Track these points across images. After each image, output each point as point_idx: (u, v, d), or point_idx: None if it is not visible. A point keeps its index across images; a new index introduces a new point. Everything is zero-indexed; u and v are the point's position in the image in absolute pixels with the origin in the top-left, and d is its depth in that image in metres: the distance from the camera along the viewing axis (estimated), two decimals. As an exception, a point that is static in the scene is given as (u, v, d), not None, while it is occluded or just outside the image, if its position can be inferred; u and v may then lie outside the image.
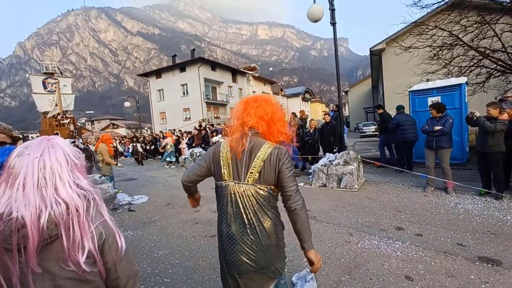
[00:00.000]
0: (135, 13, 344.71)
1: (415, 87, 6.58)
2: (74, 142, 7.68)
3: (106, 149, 6.08)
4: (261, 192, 1.21)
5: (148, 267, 2.79)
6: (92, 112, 58.36)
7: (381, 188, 5.24)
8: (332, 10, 7.01)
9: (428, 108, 4.75)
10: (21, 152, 0.77)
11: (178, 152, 12.28)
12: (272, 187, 1.23)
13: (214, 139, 10.57)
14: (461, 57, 6.48)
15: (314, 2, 6.86)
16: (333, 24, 7.02)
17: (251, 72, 37.01)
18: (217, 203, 1.31)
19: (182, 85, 29.25)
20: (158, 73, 31.98)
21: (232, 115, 1.34)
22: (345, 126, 9.27)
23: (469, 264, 2.38)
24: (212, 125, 14.92)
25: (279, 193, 1.27)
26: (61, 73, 39.46)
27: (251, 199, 1.20)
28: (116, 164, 6.18)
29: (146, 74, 33.51)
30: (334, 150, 7.03)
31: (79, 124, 41.36)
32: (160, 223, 4.19)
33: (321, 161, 6.05)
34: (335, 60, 7.15)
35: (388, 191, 4.95)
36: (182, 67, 29.46)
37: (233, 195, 1.21)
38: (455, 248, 2.69)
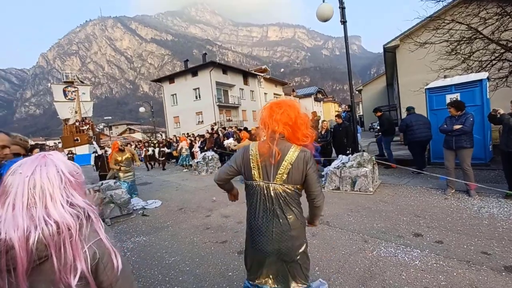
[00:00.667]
0: (149, 21, 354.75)
1: (432, 84, 6.29)
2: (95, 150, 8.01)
3: (113, 157, 6.21)
4: (288, 190, 1.38)
5: (159, 274, 2.80)
6: (110, 117, 60.53)
7: (397, 191, 5.03)
8: (342, 8, 6.87)
9: (446, 106, 4.51)
10: (14, 170, 0.77)
11: (191, 155, 12.44)
12: (298, 186, 1.40)
13: (226, 142, 10.62)
14: (481, 51, 6.14)
15: (324, 1, 6.75)
16: (344, 22, 6.87)
17: (262, 74, 37.04)
18: (247, 200, 1.49)
19: (195, 89, 29.71)
20: (171, 78, 32.66)
21: (258, 120, 1.46)
22: (358, 126, 9.04)
23: (494, 275, 2.21)
24: (224, 128, 15.01)
25: (303, 190, 1.47)
26: (80, 81, 41.30)
27: (278, 196, 1.37)
28: (119, 169, 6.27)
29: (160, 80, 34.33)
30: (348, 152, 6.85)
31: (98, 130, 43.01)
32: (172, 228, 4.22)
33: (334, 163, 5.90)
34: (346, 59, 6.99)
35: (405, 194, 4.74)
36: (194, 72, 29.95)
37: (262, 193, 1.39)
38: (479, 257, 2.51)
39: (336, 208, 4.38)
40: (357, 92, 31.05)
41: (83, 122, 35.45)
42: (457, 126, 4.18)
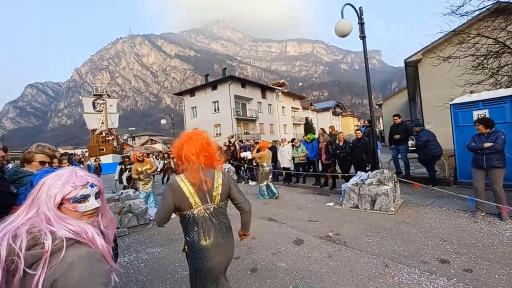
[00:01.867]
0: (174, 38, 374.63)
1: (457, 100, 6.01)
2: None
3: (134, 169, 6.41)
4: (223, 207, 1.68)
5: (170, 288, 2.79)
6: (134, 128, 63.35)
7: (421, 211, 4.74)
8: (362, 24, 6.88)
9: (474, 123, 4.27)
10: (44, 181, 0.83)
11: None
12: (226, 201, 1.71)
13: (243, 154, 10.70)
14: (510, 66, 5.82)
15: (342, 17, 6.81)
16: (363, 38, 6.85)
17: (280, 88, 37.40)
18: (188, 227, 1.60)
19: (214, 102, 30.52)
20: (192, 91, 33.86)
21: (175, 155, 1.66)
22: (378, 142, 8.76)
23: (535, 313, 1.98)
24: (241, 141, 15.15)
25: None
26: (108, 95, 43.92)
27: (217, 214, 1.62)
28: (139, 179, 6.45)
29: (181, 93, 35.69)
30: (367, 168, 6.62)
31: (122, 140, 45.04)
32: (186, 241, 4.23)
33: (352, 180, 5.71)
34: (366, 73, 6.91)
35: (430, 216, 4.45)
36: (214, 85, 30.88)
37: (204, 216, 1.58)
38: (515, 290, 2.28)
39: (354, 227, 4.19)
40: (377, 107, 30.32)
41: (109, 133, 37.35)
42: (488, 144, 3.93)
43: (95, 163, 16.55)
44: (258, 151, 7.32)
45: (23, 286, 0.69)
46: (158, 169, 12.93)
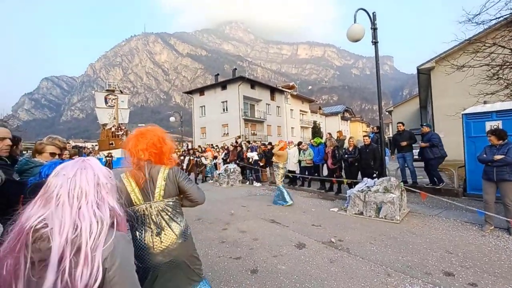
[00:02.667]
0: (186, 37, 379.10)
1: (470, 110, 5.88)
2: None
3: None
4: (170, 203, 1.57)
5: (171, 283, 2.82)
6: (143, 125, 64.07)
7: (428, 222, 4.66)
8: (374, 29, 6.82)
9: (486, 134, 4.17)
10: (57, 172, 0.85)
11: (214, 166, 12.68)
12: (176, 197, 1.61)
13: (249, 154, 10.76)
14: (527, 77, 5.66)
15: (355, 22, 6.76)
16: (375, 43, 6.79)
17: (289, 91, 37.36)
18: (130, 224, 1.53)
19: (223, 102, 30.70)
20: (201, 90, 34.17)
21: (126, 149, 1.60)
22: (387, 149, 8.64)
23: (541, 332, 1.93)
24: (249, 141, 15.19)
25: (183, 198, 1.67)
26: (120, 91, 44.77)
27: (160, 212, 1.53)
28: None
29: (191, 92, 36.06)
30: (374, 175, 6.54)
31: (131, 136, 45.69)
32: (189, 238, 4.27)
33: (358, 186, 5.65)
34: (376, 79, 6.85)
35: (437, 227, 4.37)
36: (223, 85, 31.08)
37: (145, 214, 1.51)
38: (522, 308, 2.21)
39: (358, 234, 4.15)
40: (387, 113, 29.89)
41: (119, 128, 38.04)
42: (499, 157, 3.83)
43: (107, 158, 16.69)
44: (263, 156, 7.19)
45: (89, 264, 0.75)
46: (184, 166, 12.83)
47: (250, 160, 10.63)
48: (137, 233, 1.51)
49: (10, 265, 0.72)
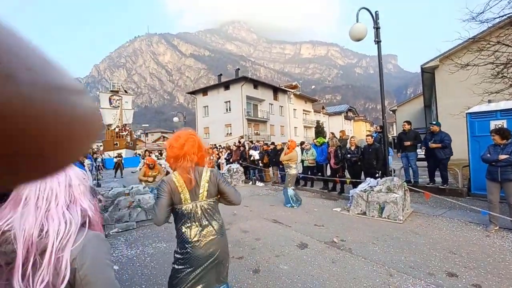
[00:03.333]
0: (189, 38, 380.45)
1: (474, 109, 5.83)
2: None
3: (142, 172, 6.49)
4: (211, 203, 1.73)
5: (174, 283, 2.85)
6: (147, 125, 64.77)
7: (431, 222, 4.62)
8: (377, 28, 6.79)
9: (490, 133, 4.13)
10: None
11: (217, 167, 12.72)
12: (216, 197, 1.76)
13: (251, 152, 10.82)
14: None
15: (357, 21, 6.74)
16: (378, 42, 6.77)
17: (292, 90, 37.26)
18: (178, 220, 1.68)
19: (226, 102, 30.75)
20: (204, 91, 34.27)
21: (168, 153, 1.72)
22: (390, 148, 8.59)
23: (545, 334, 1.91)
24: (252, 141, 15.22)
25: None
26: (125, 91, 45.11)
27: (204, 211, 1.69)
28: (146, 181, 6.46)
29: (194, 92, 36.17)
30: (377, 175, 6.51)
31: (135, 136, 46.15)
32: (191, 238, 4.30)
33: (361, 186, 5.64)
34: (379, 78, 6.82)
35: (440, 227, 4.33)
36: (226, 85, 31.13)
37: (192, 212, 1.66)
38: (526, 309, 2.19)
39: (360, 234, 4.14)
40: (391, 112, 29.67)
41: (123, 129, 38.35)
42: (503, 156, 3.79)
43: (117, 159, 16.44)
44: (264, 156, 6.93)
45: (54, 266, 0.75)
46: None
47: (252, 158, 10.68)
48: (184, 228, 1.65)
49: None
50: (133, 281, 2.95)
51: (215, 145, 17.29)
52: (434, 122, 6.88)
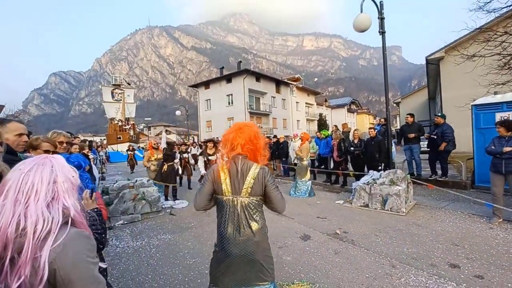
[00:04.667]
0: (191, 30, 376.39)
1: (479, 101, 5.75)
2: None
3: (147, 157, 6.70)
4: (254, 202, 1.60)
5: (179, 273, 2.91)
6: (149, 119, 64.93)
7: (434, 214, 4.63)
8: (382, 19, 6.66)
9: (495, 125, 4.08)
10: (16, 167, 0.84)
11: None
12: (260, 197, 1.62)
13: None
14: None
15: (361, 11, 6.61)
16: (382, 33, 6.65)
17: (294, 83, 36.97)
18: (218, 211, 1.66)
19: (228, 95, 30.64)
20: (206, 84, 34.11)
21: (224, 143, 1.68)
22: (394, 141, 8.54)
23: (546, 324, 1.93)
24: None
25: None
26: (128, 83, 45.09)
27: (244, 208, 1.58)
28: (149, 167, 6.71)
29: (196, 85, 36.03)
30: (380, 168, 6.50)
31: (138, 130, 46.33)
32: (196, 230, 4.36)
33: (364, 179, 5.64)
34: (383, 70, 6.73)
35: (443, 219, 4.35)
36: (228, 78, 30.95)
37: (230, 205, 1.58)
38: (528, 299, 2.21)
39: (363, 226, 4.17)
40: (394, 105, 29.39)
41: (126, 122, 38.48)
42: (508, 149, 3.76)
43: (128, 152, 15.55)
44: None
45: (32, 266, 0.73)
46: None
47: None
48: (222, 221, 1.60)
49: None
50: (139, 271, 3.01)
51: (217, 138, 17.31)
52: (439, 114, 6.82)
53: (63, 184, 0.85)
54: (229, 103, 30.65)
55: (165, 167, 6.41)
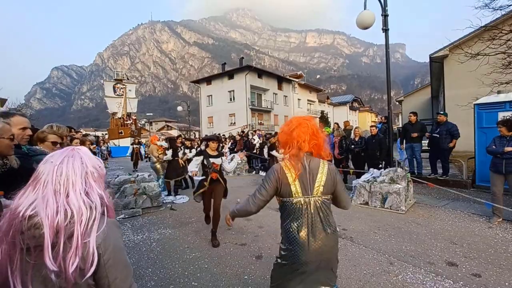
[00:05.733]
0: (193, 25, 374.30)
1: (482, 100, 5.71)
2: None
3: (155, 148, 6.75)
4: (326, 201, 1.50)
5: (179, 267, 2.94)
6: (151, 114, 64.93)
7: (433, 212, 4.64)
8: (385, 16, 6.60)
9: (497, 125, 4.06)
10: (47, 159, 0.87)
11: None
12: (330, 195, 1.54)
13: (254, 137, 11.00)
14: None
15: (365, 8, 6.55)
16: (386, 30, 6.60)
17: (296, 80, 36.81)
18: (284, 216, 1.52)
19: (230, 91, 30.58)
20: (208, 80, 34.04)
21: (287, 142, 1.53)
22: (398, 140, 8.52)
23: (542, 322, 1.94)
24: (255, 131, 15.25)
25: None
26: (128, 78, 45.03)
27: (319, 209, 1.46)
28: (159, 160, 6.77)
29: (198, 81, 35.98)
30: (380, 166, 6.50)
31: (140, 125, 46.38)
32: (196, 225, 4.40)
33: (364, 177, 5.64)
34: (386, 67, 6.69)
35: (442, 217, 4.36)
36: (230, 75, 30.86)
37: (303, 208, 1.45)
38: (524, 298, 2.23)
39: (362, 224, 4.18)
40: (397, 103, 29.21)
41: (128, 117, 38.54)
42: (509, 149, 3.74)
43: (134, 146, 13.68)
44: (272, 148, 7.12)
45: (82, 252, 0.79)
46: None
47: (255, 142, 10.84)
48: (292, 225, 1.46)
49: (4, 250, 0.76)
50: (139, 264, 3.05)
51: (219, 134, 17.34)
52: (442, 112, 6.79)
53: (93, 174, 0.90)
54: (230, 99, 30.60)
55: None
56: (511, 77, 5.93)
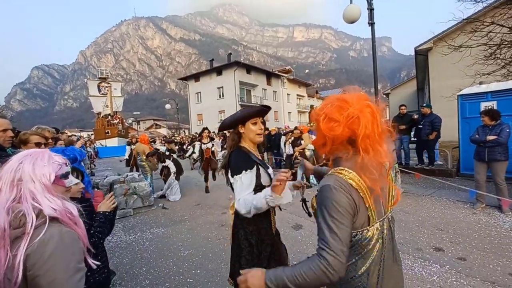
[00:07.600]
0: (179, 21, 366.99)
1: (465, 91, 5.90)
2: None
3: (143, 148, 6.64)
4: (392, 217, 1.05)
5: (174, 265, 2.93)
6: (138, 113, 63.57)
7: (420, 201, 4.79)
8: (371, 10, 6.68)
9: (480, 115, 4.21)
10: (11, 158, 0.85)
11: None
12: None
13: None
14: (524, 56, 5.64)
15: (351, 2, 6.60)
16: (372, 24, 6.68)
17: (285, 75, 36.84)
18: (358, 254, 0.93)
19: (218, 88, 30.29)
20: (196, 77, 33.57)
21: (332, 134, 0.92)
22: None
23: (522, 300, 2.05)
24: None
25: None
26: (112, 76, 43.81)
27: (392, 233, 1.02)
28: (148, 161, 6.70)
29: (186, 78, 35.41)
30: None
31: (127, 124, 45.37)
32: (189, 223, 4.38)
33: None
34: (373, 61, 6.79)
35: (429, 206, 4.50)
36: (218, 71, 30.54)
37: (379, 238, 0.94)
38: (506, 278, 2.34)
39: (353, 215, 4.27)
40: (384, 96, 29.79)
41: (114, 116, 37.59)
42: (491, 137, 3.89)
43: (134, 147, 11.75)
44: (296, 141, 6.79)
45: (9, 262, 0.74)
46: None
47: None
48: (361, 268, 0.92)
49: None
50: (133, 264, 3.01)
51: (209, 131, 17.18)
52: (425, 105, 6.97)
53: (31, 183, 0.81)
54: (220, 96, 30.34)
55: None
56: (492, 68, 6.14)
